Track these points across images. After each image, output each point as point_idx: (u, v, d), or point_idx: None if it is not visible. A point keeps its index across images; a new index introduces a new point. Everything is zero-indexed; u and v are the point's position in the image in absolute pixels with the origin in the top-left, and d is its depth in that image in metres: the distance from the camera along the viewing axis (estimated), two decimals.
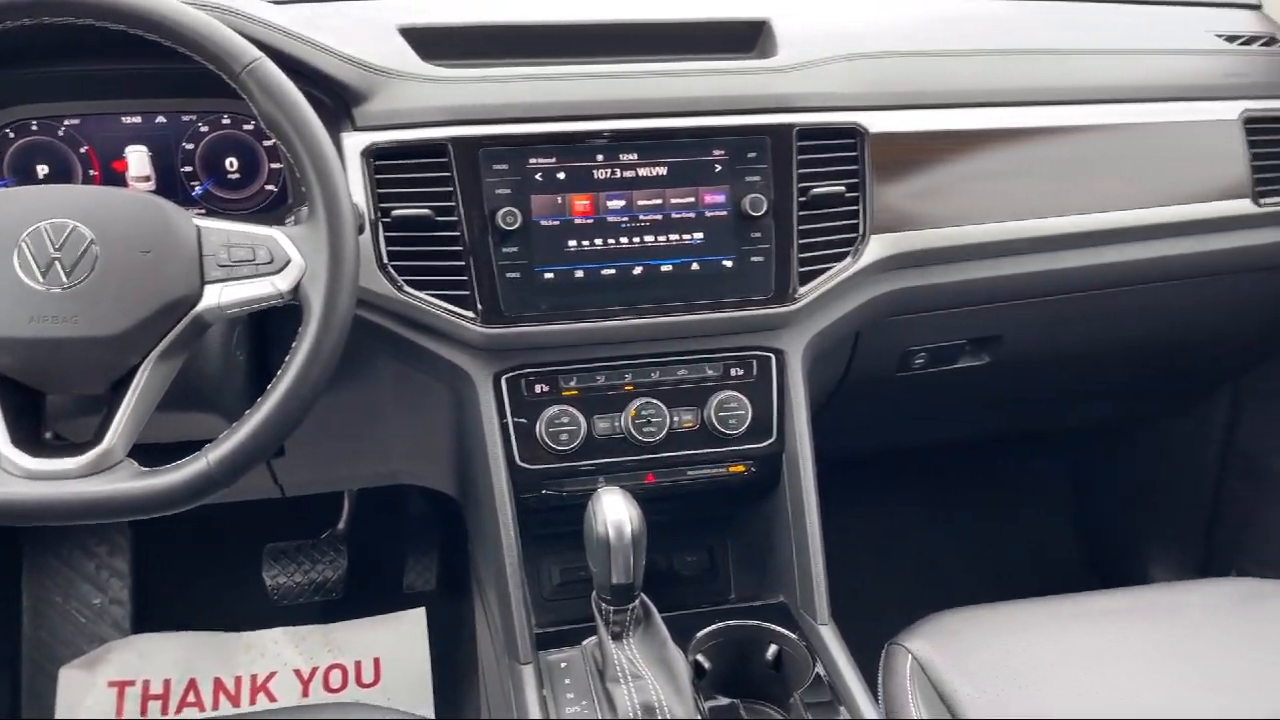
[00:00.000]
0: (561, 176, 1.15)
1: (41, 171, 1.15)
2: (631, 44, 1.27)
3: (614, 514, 0.97)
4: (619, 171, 1.16)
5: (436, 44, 1.21)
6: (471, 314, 1.14)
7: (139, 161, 1.15)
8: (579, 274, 1.16)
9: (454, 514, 1.55)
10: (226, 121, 1.18)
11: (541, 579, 1.31)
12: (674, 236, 1.18)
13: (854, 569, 1.49)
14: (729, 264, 1.19)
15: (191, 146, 1.17)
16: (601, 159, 1.16)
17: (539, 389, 1.18)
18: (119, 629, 1.95)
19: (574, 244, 1.15)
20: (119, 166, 1.16)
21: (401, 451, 1.46)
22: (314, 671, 1.94)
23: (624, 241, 1.17)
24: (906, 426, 1.85)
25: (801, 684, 1.09)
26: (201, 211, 1.17)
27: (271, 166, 1.20)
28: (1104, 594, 1.31)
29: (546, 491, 1.19)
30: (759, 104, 1.20)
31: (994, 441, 2.12)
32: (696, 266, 1.18)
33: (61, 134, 1.15)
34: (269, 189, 1.20)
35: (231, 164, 1.19)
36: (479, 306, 1.13)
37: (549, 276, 1.15)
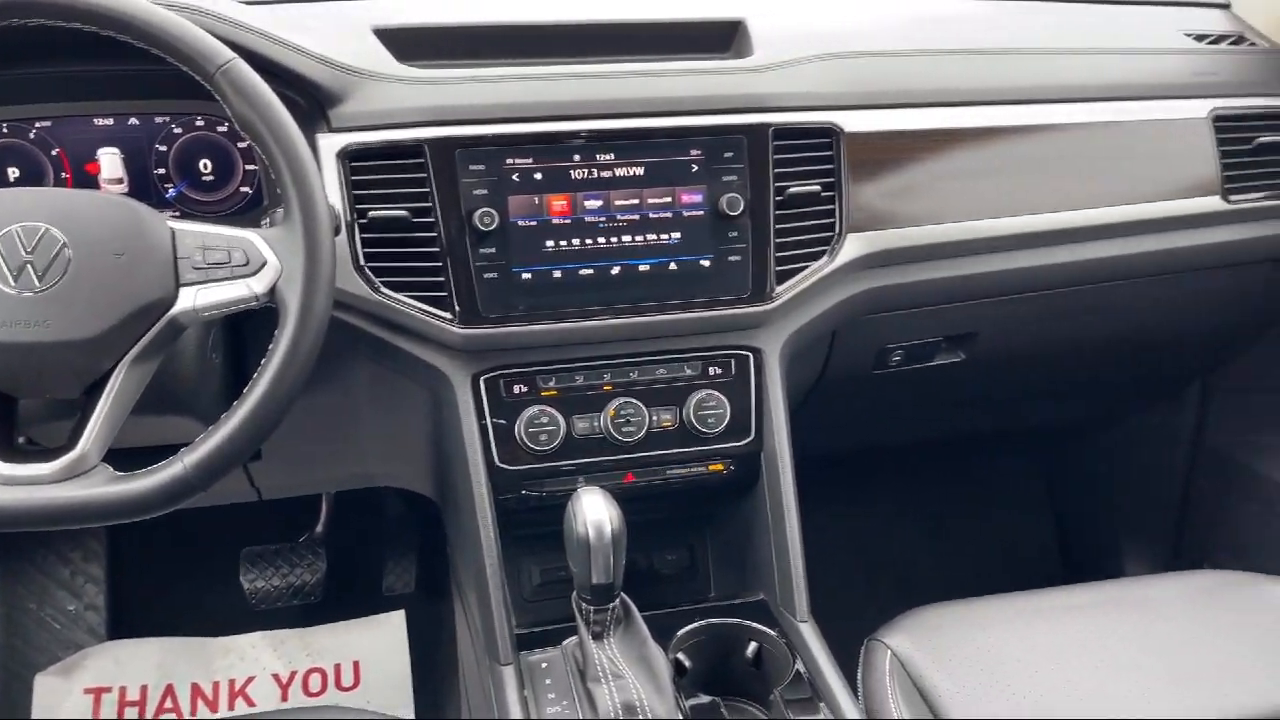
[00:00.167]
0: (539, 177, 1.15)
1: (12, 174, 1.14)
2: (607, 44, 1.27)
3: (594, 514, 0.97)
4: (596, 172, 1.16)
5: (412, 44, 1.20)
6: (449, 315, 1.13)
7: (111, 164, 1.14)
8: (557, 274, 1.16)
9: (433, 516, 1.54)
10: (200, 123, 1.17)
11: (521, 580, 1.31)
12: (651, 236, 1.18)
13: (833, 566, 1.50)
14: (706, 263, 1.19)
15: (165, 148, 1.16)
16: (578, 159, 1.16)
17: (517, 389, 1.17)
18: (95, 635, 1.93)
19: (551, 244, 1.15)
20: (91, 169, 1.15)
21: (379, 454, 1.46)
22: (293, 676, 1.93)
23: (601, 241, 1.17)
24: (884, 424, 1.87)
25: (782, 681, 1.10)
26: (176, 214, 1.16)
27: (246, 168, 1.19)
28: (1078, 588, 1.32)
29: (526, 492, 1.19)
30: (735, 104, 1.21)
31: (970, 439, 2.13)
32: (674, 266, 1.19)
33: (33, 136, 1.14)
34: (244, 191, 1.20)
35: (205, 166, 1.18)
36: (456, 307, 1.13)
37: (527, 277, 1.15)
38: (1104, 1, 1.63)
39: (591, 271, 1.17)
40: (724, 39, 1.32)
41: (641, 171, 1.17)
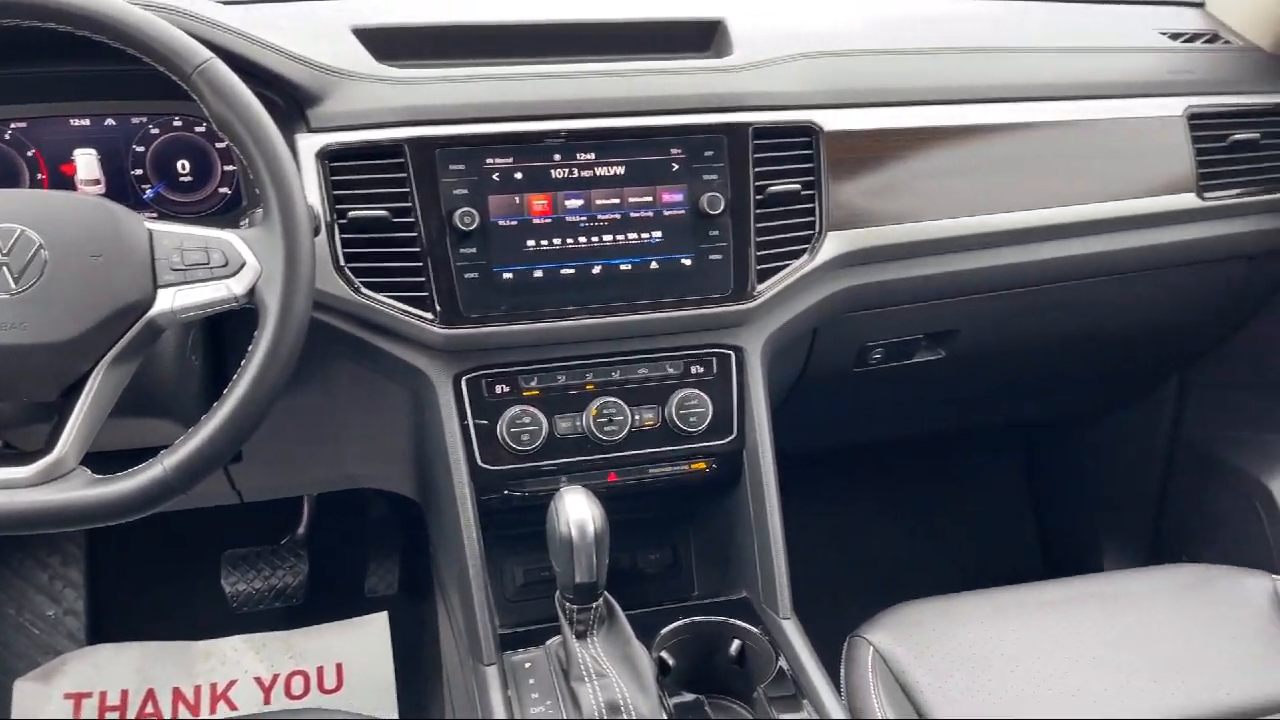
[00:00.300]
0: (519, 176, 1.15)
1: None
2: (587, 44, 1.27)
3: (576, 513, 0.97)
4: (576, 171, 1.16)
5: (391, 44, 1.20)
6: (430, 315, 1.13)
7: (88, 164, 1.13)
8: (538, 274, 1.16)
9: (415, 516, 1.54)
10: (178, 123, 1.16)
11: (504, 580, 1.31)
12: (632, 235, 1.18)
13: (815, 563, 1.50)
14: (687, 262, 1.20)
15: (142, 149, 1.16)
16: (559, 159, 1.16)
17: (499, 389, 1.17)
18: (74, 640, 1.91)
19: (532, 244, 1.15)
20: (68, 170, 1.14)
21: (361, 455, 1.45)
22: (275, 679, 1.92)
23: (583, 241, 1.17)
24: (865, 422, 1.87)
25: (765, 678, 1.10)
26: (153, 215, 1.15)
27: (225, 169, 1.18)
28: (1057, 583, 1.33)
29: (508, 492, 1.19)
30: (715, 103, 1.21)
31: (951, 436, 2.15)
32: (655, 265, 1.19)
33: (8, 137, 1.13)
34: (222, 191, 1.19)
35: (183, 166, 1.17)
36: (437, 307, 1.13)
37: (508, 277, 1.15)
38: (1080, 0, 1.64)
39: (573, 271, 1.17)
40: (704, 39, 1.32)
41: (622, 171, 1.17)
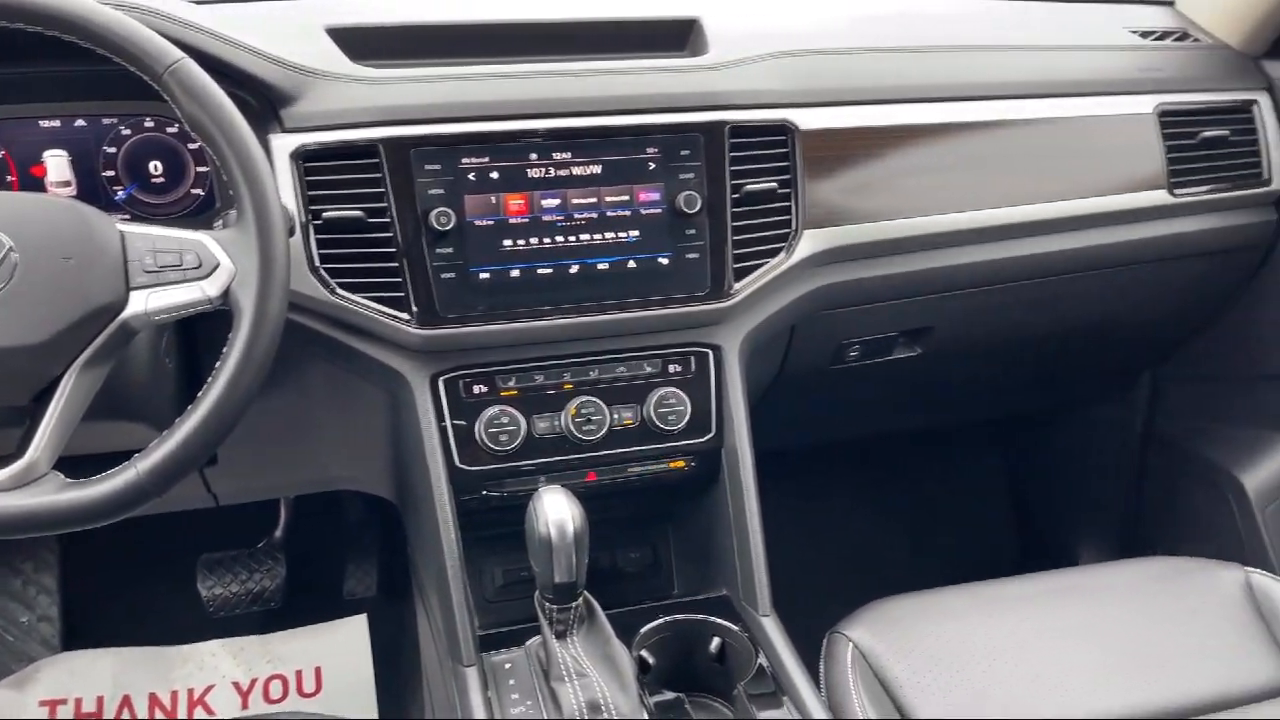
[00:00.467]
0: (495, 176, 1.14)
1: None
2: (562, 43, 1.27)
3: (555, 513, 0.97)
4: (553, 170, 1.16)
5: (365, 44, 1.19)
6: (406, 315, 1.13)
7: (58, 166, 1.12)
8: (515, 273, 1.16)
9: (393, 518, 1.53)
10: (149, 124, 1.15)
11: (484, 581, 1.30)
12: (610, 234, 1.18)
13: (795, 560, 1.51)
14: (665, 261, 1.20)
15: (113, 150, 1.14)
16: (535, 158, 1.16)
17: (477, 390, 1.17)
18: (49, 647, 1.89)
19: (509, 243, 1.15)
20: (38, 172, 1.12)
21: (338, 456, 1.44)
22: (253, 683, 1.91)
23: (560, 240, 1.17)
24: (843, 419, 1.88)
25: (745, 676, 1.10)
26: (125, 217, 1.14)
27: (198, 170, 1.17)
28: (1035, 577, 1.34)
29: (487, 493, 1.19)
30: (691, 102, 1.21)
31: (928, 432, 2.16)
32: (633, 264, 1.19)
33: None
34: (195, 193, 1.18)
35: (156, 168, 1.16)
36: (414, 308, 1.13)
37: (484, 276, 1.15)
38: None
39: (550, 270, 1.17)
40: (679, 38, 1.32)
41: (599, 170, 1.17)
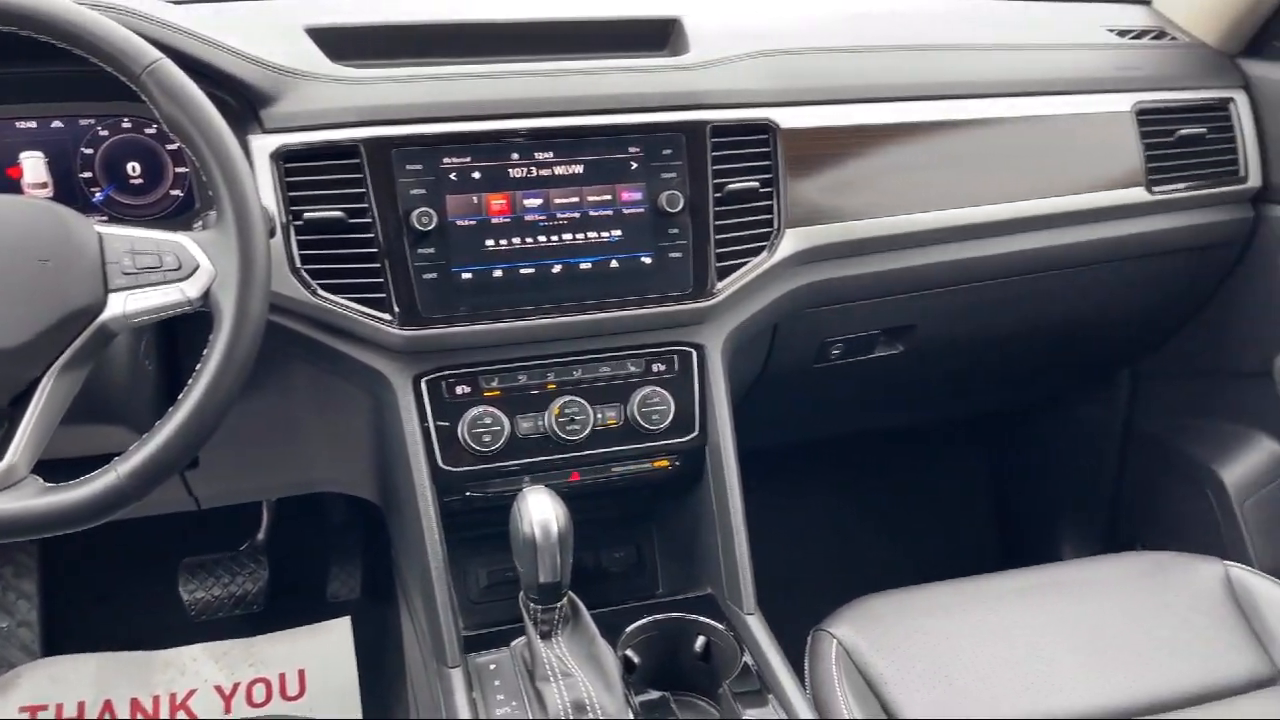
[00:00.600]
0: (476, 176, 1.14)
1: None
2: (543, 43, 1.27)
3: (540, 513, 0.97)
4: (535, 170, 1.16)
5: (345, 44, 1.19)
6: (388, 316, 1.12)
7: (35, 168, 1.11)
8: (497, 273, 1.15)
9: (376, 520, 1.53)
10: (127, 125, 1.14)
11: (468, 582, 1.30)
12: (592, 234, 1.18)
13: (779, 558, 1.51)
14: (648, 260, 1.20)
15: (90, 151, 1.14)
16: (517, 158, 1.15)
17: (460, 390, 1.17)
18: (29, 652, 1.88)
19: (491, 243, 1.15)
20: (13, 173, 1.11)
21: (320, 458, 1.44)
22: (236, 687, 1.89)
23: (542, 240, 1.16)
24: (826, 417, 1.89)
25: (730, 674, 1.11)
26: (103, 218, 1.13)
27: (176, 171, 1.17)
28: (1016, 573, 1.35)
29: (470, 494, 1.18)
30: (672, 101, 1.21)
31: (911, 430, 2.17)
32: (615, 264, 1.19)
33: None
34: (174, 194, 1.17)
35: (134, 169, 1.15)
36: (396, 309, 1.12)
37: (467, 277, 1.14)
38: None
39: (532, 270, 1.16)
40: (660, 37, 1.32)
41: (580, 170, 1.17)
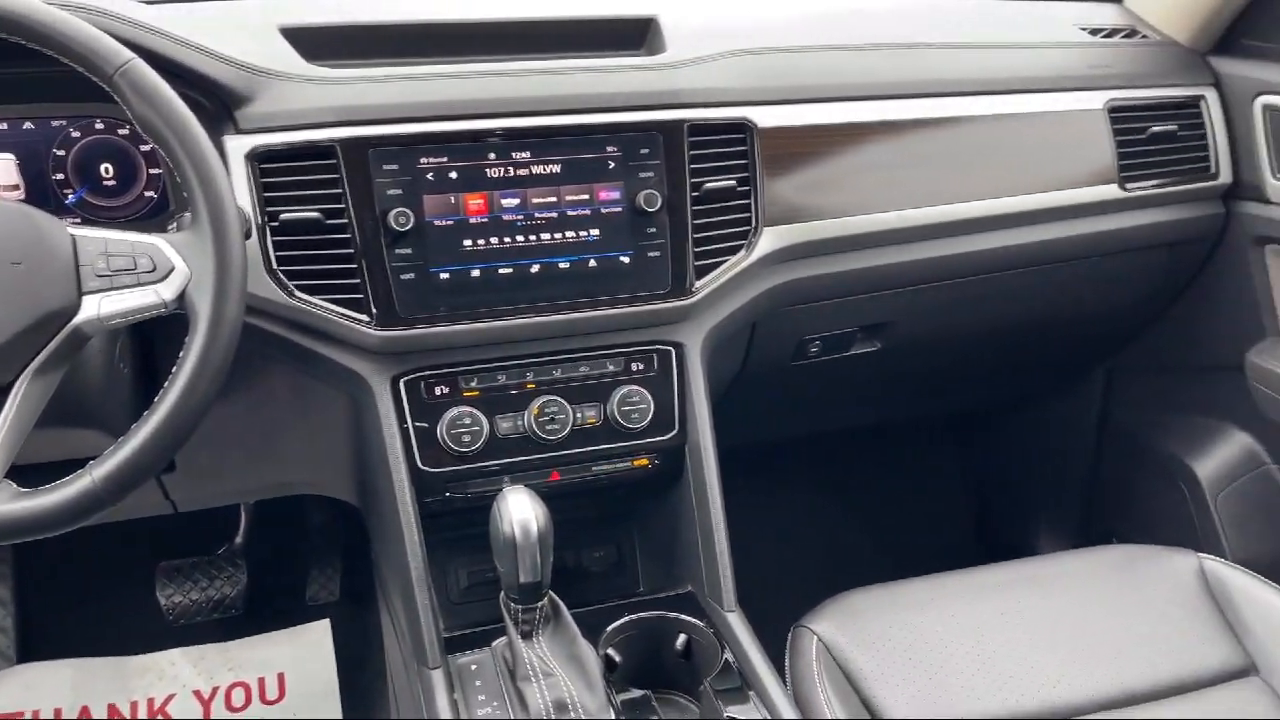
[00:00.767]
0: (454, 176, 1.14)
1: None
2: (519, 42, 1.27)
3: (520, 513, 0.97)
4: (512, 170, 1.16)
5: (320, 44, 1.18)
6: (366, 317, 1.12)
7: (6, 170, 1.09)
8: (475, 273, 1.15)
9: (356, 521, 1.52)
10: (100, 126, 1.13)
11: (448, 582, 1.30)
12: (570, 234, 1.18)
13: (759, 556, 1.52)
14: (626, 260, 1.20)
15: (62, 153, 1.12)
16: (494, 157, 1.15)
17: (439, 391, 1.16)
18: (4, 658, 1.86)
19: (469, 243, 1.15)
20: None
21: (299, 460, 1.43)
22: (215, 691, 1.88)
23: (520, 240, 1.16)
24: (805, 414, 1.90)
25: (711, 672, 1.11)
26: (76, 220, 1.12)
27: (150, 172, 1.16)
28: (995, 567, 1.36)
29: (450, 494, 1.18)
30: (650, 100, 1.21)
31: (889, 426, 2.18)
32: (594, 263, 1.19)
33: None
34: (148, 195, 1.16)
35: (107, 170, 1.14)
36: (373, 309, 1.12)
37: (445, 277, 1.14)
38: None
39: (511, 270, 1.16)
40: (637, 36, 1.32)
41: (558, 169, 1.17)
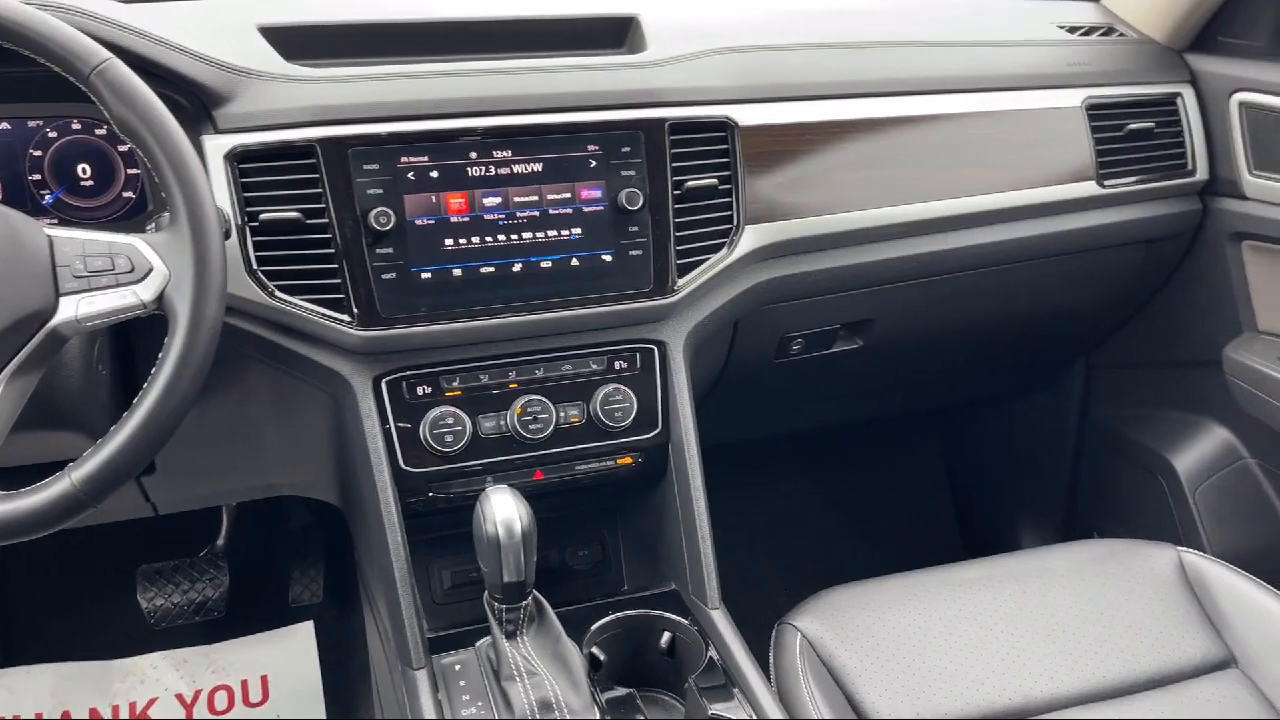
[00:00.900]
0: (435, 175, 1.13)
1: None
2: (500, 41, 1.26)
3: (503, 512, 0.97)
4: (494, 169, 1.16)
5: (299, 43, 1.18)
6: (347, 317, 1.11)
7: None
8: (457, 273, 1.15)
9: (338, 522, 1.52)
10: (77, 127, 1.12)
11: (432, 583, 1.29)
12: (552, 232, 1.18)
13: (743, 553, 1.52)
14: (608, 258, 1.20)
15: (39, 153, 1.11)
16: (475, 156, 1.15)
17: (421, 391, 1.16)
18: None
19: (450, 243, 1.14)
20: None
21: (280, 462, 1.42)
22: (197, 694, 1.87)
23: (502, 239, 1.16)
24: (788, 411, 1.90)
25: (695, 669, 1.11)
26: (53, 221, 1.11)
27: (128, 172, 1.15)
28: (977, 562, 1.37)
29: (433, 494, 1.18)
30: (631, 99, 1.21)
31: (871, 423, 2.19)
32: (576, 262, 1.19)
33: None
34: (126, 196, 1.15)
35: (84, 171, 1.13)
36: (355, 309, 1.11)
37: (426, 276, 1.14)
38: None
39: (492, 269, 1.16)
40: (618, 35, 1.32)
41: (540, 168, 1.17)
